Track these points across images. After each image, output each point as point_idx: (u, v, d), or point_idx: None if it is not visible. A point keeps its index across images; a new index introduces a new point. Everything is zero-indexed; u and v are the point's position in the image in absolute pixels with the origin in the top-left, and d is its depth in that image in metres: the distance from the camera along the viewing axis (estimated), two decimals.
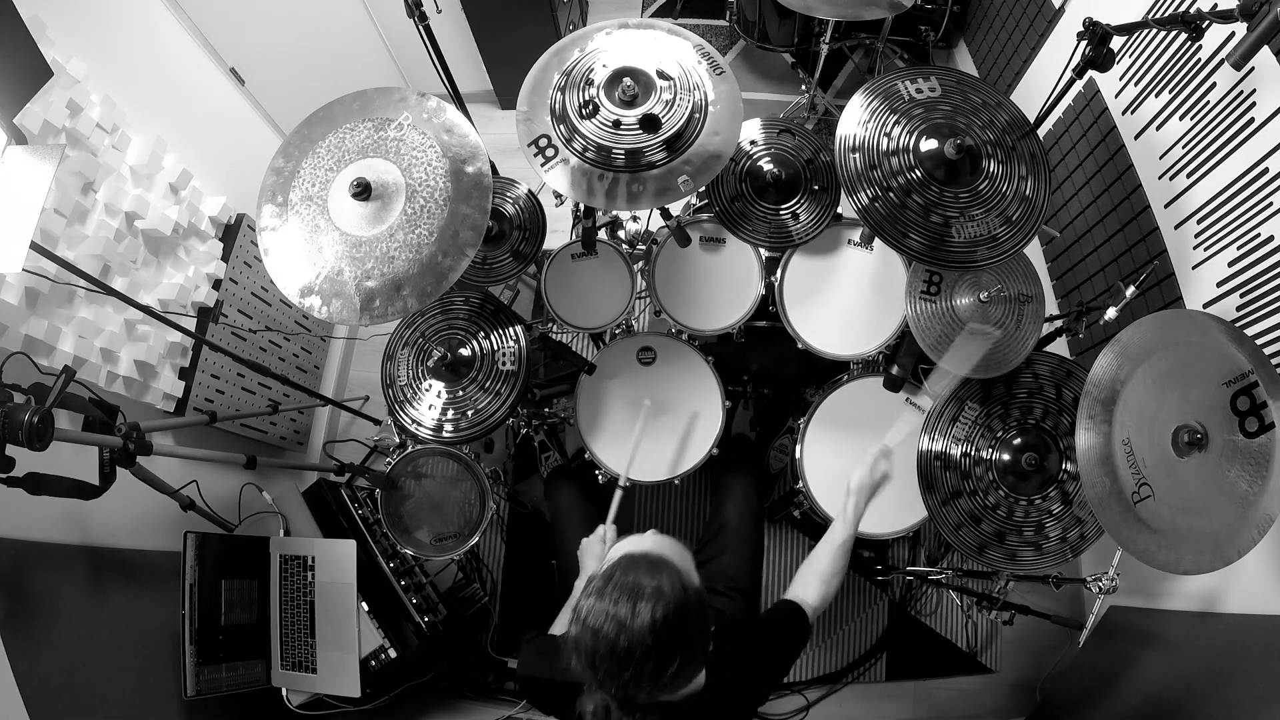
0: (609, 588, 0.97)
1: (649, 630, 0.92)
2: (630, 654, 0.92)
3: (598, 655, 0.94)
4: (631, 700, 0.97)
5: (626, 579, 0.97)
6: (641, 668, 0.93)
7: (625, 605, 0.94)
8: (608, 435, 1.84)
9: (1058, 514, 1.54)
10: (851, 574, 2.42)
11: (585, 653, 0.95)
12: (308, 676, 1.86)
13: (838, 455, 1.79)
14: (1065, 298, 2.31)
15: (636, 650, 0.92)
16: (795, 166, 1.78)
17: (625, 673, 0.93)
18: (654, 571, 0.98)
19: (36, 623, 1.46)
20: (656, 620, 0.93)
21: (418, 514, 1.85)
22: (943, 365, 1.51)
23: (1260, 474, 1.25)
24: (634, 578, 0.97)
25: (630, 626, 0.93)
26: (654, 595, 0.95)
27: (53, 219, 1.58)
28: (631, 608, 0.93)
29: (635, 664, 0.93)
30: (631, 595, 0.95)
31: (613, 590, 0.96)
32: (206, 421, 1.98)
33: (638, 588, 0.95)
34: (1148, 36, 1.85)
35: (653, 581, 0.96)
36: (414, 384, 1.75)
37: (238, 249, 2.22)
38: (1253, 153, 1.54)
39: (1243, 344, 1.31)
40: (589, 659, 0.95)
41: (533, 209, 1.94)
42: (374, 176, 1.46)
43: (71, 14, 1.70)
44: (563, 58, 1.57)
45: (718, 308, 1.84)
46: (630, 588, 0.95)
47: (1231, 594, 1.66)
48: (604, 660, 0.94)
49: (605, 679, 0.95)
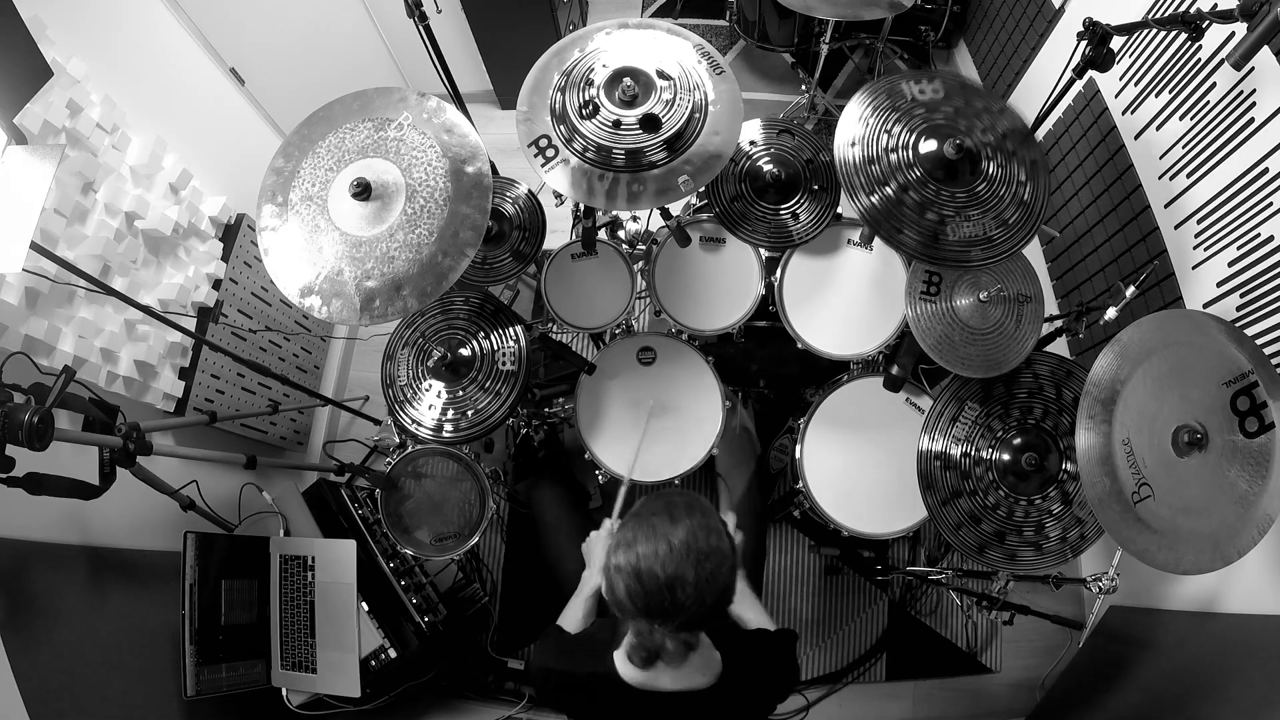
0: (640, 513, 1.01)
1: (688, 531, 0.96)
2: (671, 555, 0.94)
3: (642, 575, 0.95)
4: (676, 610, 0.96)
5: (657, 501, 1.02)
6: (683, 568, 0.94)
7: (662, 516, 0.98)
8: (608, 435, 1.84)
9: (1058, 514, 1.54)
10: (851, 574, 2.43)
11: (628, 574, 0.96)
12: (308, 676, 1.86)
13: (838, 455, 1.79)
14: (1065, 298, 2.31)
15: (677, 551, 0.94)
16: (795, 166, 1.78)
17: (670, 574, 0.94)
18: (683, 494, 1.05)
19: (36, 623, 1.46)
20: (693, 525, 0.97)
21: (418, 514, 1.84)
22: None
23: (1260, 474, 1.25)
24: (665, 499, 1.02)
25: (671, 531, 0.96)
26: (686, 504, 1.00)
27: (53, 219, 1.58)
28: (669, 514, 0.98)
29: (677, 565, 0.94)
30: (666, 507, 1.00)
31: (644, 513, 1.01)
32: (206, 421, 1.98)
33: (670, 501, 1.01)
34: (1148, 36, 1.85)
35: (683, 497, 1.03)
36: (414, 384, 1.75)
37: (238, 249, 2.22)
38: (1253, 153, 1.54)
39: (1243, 344, 1.31)
40: (634, 574, 0.95)
41: (533, 209, 1.94)
42: (374, 176, 1.46)
43: (71, 14, 1.70)
44: (563, 58, 1.57)
45: (718, 308, 1.84)
46: (664, 502, 1.01)
47: (1231, 594, 1.66)
48: (648, 567, 0.95)
49: (650, 586, 0.95)
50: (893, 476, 1.69)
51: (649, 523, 0.98)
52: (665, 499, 1.03)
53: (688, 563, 0.94)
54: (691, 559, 0.95)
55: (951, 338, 1.56)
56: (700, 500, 1.04)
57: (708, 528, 0.99)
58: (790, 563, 2.46)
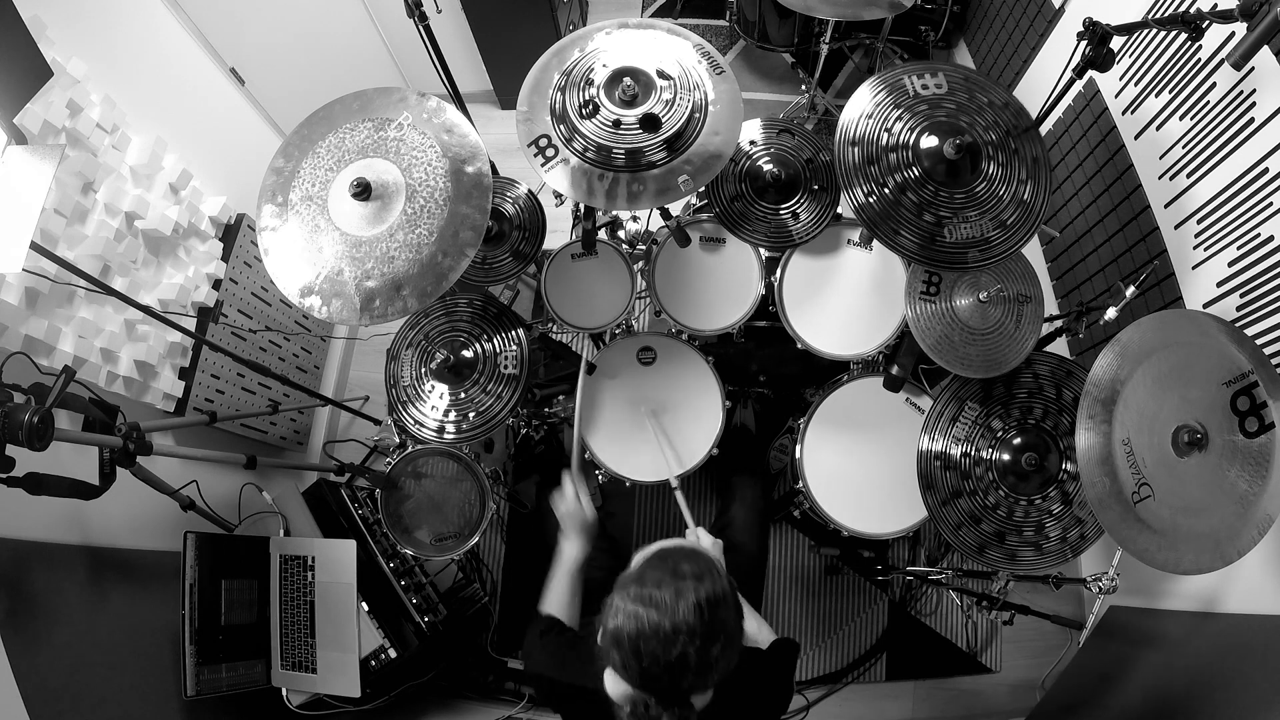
0: (647, 575, 0.96)
1: (694, 610, 0.90)
2: (676, 636, 0.90)
3: (643, 640, 0.91)
4: (673, 691, 0.94)
5: (665, 565, 0.96)
6: (687, 651, 0.90)
7: (668, 588, 0.92)
8: (608, 435, 1.84)
9: (1058, 514, 1.54)
10: (851, 574, 2.43)
11: (629, 640, 0.92)
12: (308, 676, 1.86)
13: (838, 455, 1.79)
14: (1065, 298, 2.31)
15: (682, 632, 0.90)
16: (795, 166, 1.78)
17: (671, 655, 0.90)
18: (692, 558, 0.98)
19: (36, 623, 1.46)
20: (700, 600, 0.91)
21: (418, 514, 1.84)
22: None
23: (1260, 474, 1.25)
24: (672, 564, 0.96)
25: (675, 609, 0.91)
26: (695, 576, 0.94)
27: (53, 219, 1.58)
28: (675, 589, 0.92)
29: (681, 648, 0.90)
30: (673, 577, 0.94)
31: (652, 577, 0.95)
32: (206, 421, 1.98)
33: (678, 571, 0.95)
34: (1148, 36, 1.85)
35: (693, 566, 0.96)
36: (417, 385, 1.75)
37: (238, 249, 2.22)
38: (1253, 153, 1.54)
39: (1243, 344, 1.31)
40: (632, 647, 0.91)
41: (533, 209, 1.94)
42: (374, 176, 1.46)
43: (71, 14, 1.70)
44: (563, 58, 1.57)
45: (718, 308, 1.84)
46: (671, 571, 0.95)
47: (1231, 594, 1.66)
48: (649, 646, 0.90)
49: (650, 667, 0.91)
50: (893, 476, 1.69)
51: (651, 597, 0.92)
52: (671, 563, 0.97)
53: (692, 646, 0.90)
54: (696, 642, 0.90)
55: (951, 338, 1.56)
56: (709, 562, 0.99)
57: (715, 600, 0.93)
58: (790, 563, 2.46)
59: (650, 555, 1.01)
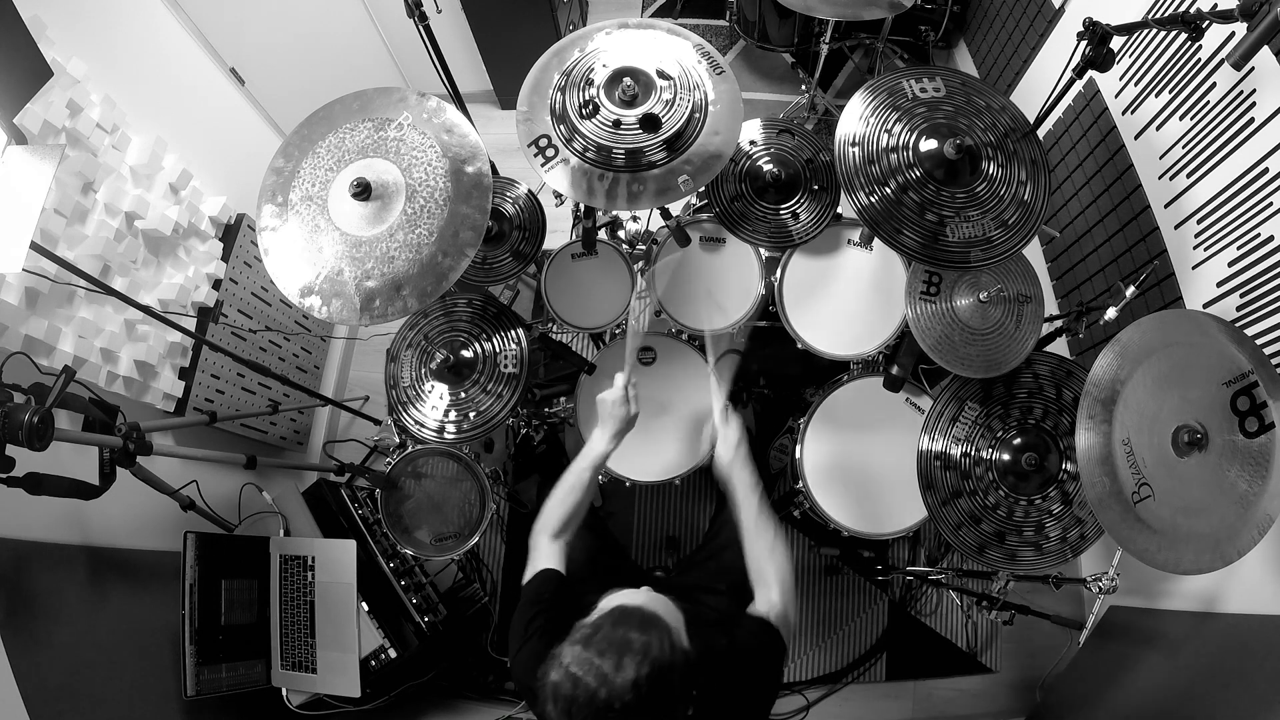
0: (597, 637, 0.94)
1: (630, 687, 0.89)
2: (608, 709, 0.89)
3: (575, 705, 0.91)
4: None
5: (615, 633, 0.94)
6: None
7: (610, 658, 0.91)
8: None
9: (1058, 514, 1.54)
10: (851, 574, 2.43)
11: (563, 700, 0.92)
12: (308, 676, 1.86)
13: (838, 455, 1.79)
14: (1065, 298, 2.31)
15: (615, 704, 0.89)
16: (795, 166, 1.78)
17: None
18: (645, 628, 0.95)
19: (36, 623, 1.46)
20: (640, 678, 0.90)
21: (418, 514, 1.85)
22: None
23: (1260, 474, 1.25)
24: (623, 632, 0.94)
25: (613, 681, 0.89)
26: (641, 651, 0.92)
27: (53, 219, 1.58)
28: (617, 661, 0.91)
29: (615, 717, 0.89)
30: (618, 649, 0.92)
31: (600, 641, 0.94)
32: (206, 421, 1.98)
33: (626, 642, 0.93)
34: (1148, 36, 1.85)
35: (642, 638, 0.94)
36: (417, 385, 1.75)
37: (238, 249, 2.22)
38: (1253, 153, 1.54)
39: (1243, 344, 1.31)
40: (565, 707, 0.91)
41: (533, 209, 1.94)
42: (374, 176, 1.46)
43: (71, 14, 1.70)
44: (563, 58, 1.57)
45: (718, 308, 1.84)
46: (619, 641, 0.93)
47: (1231, 594, 1.66)
48: (581, 712, 0.90)
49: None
50: (893, 476, 1.69)
51: (594, 666, 0.91)
52: (620, 634, 0.94)
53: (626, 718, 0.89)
54: (630, 717, 0.89)
55: (951, 338, 1.56)
56: (663, 630, 0.96)
57: (657, 673, 0.91)
58: (790, 563, 2.46)
59: (608, 612, 1.00)
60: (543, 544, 1.27)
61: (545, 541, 1.27)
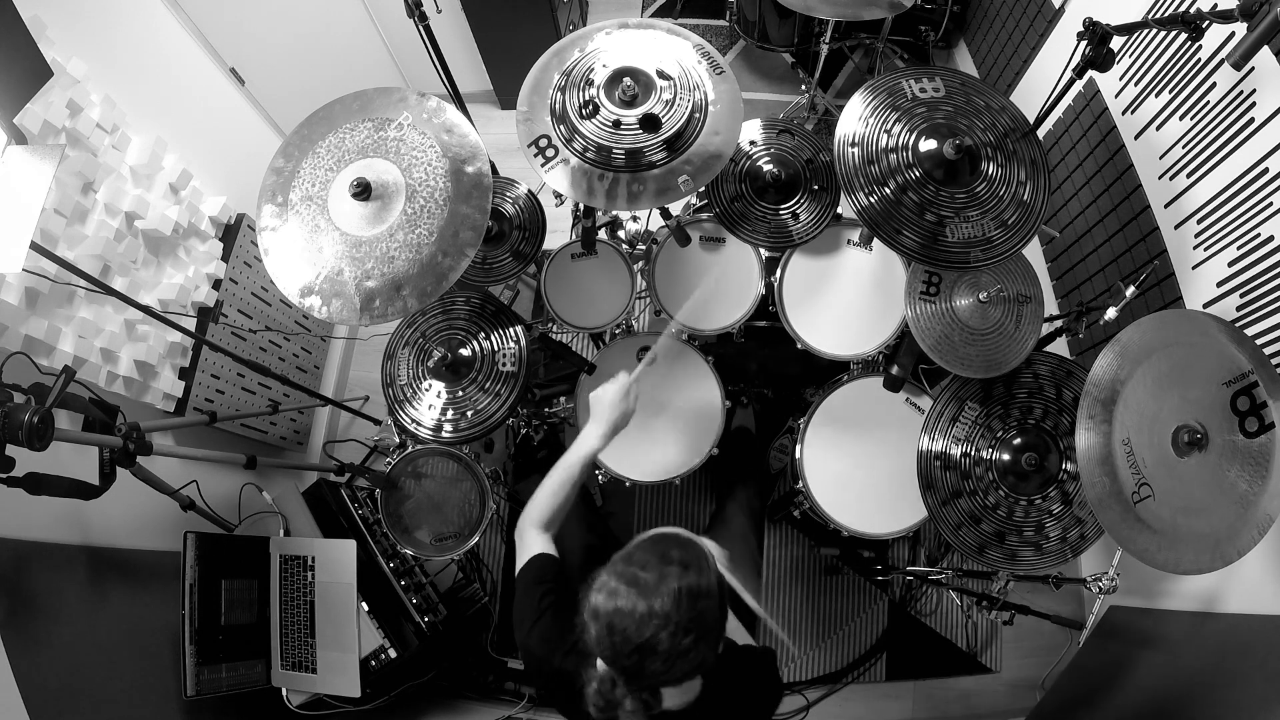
0: (636, 553, 0.96)
1: (673, 597, 0.90)
2: (650, 619, 0.89)
3: (617, 617, 0.91)
4: (639, 673, 0.93)
5: (656, 548, 0.97)
6: (658, 637, 0.89)
7: (652, 571, 0.92)
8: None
9: (1058, 514, 1.54)
10: (851, 574, 2.43)
11: (604, 615, 0.92)
12: (308, 676, 1.86)
13: (838, 455, 1.79)
14: (1065, 298, 2.31)
15: (657, 615, 0.89)
16: (795, 166, 1.78)
17: (643, 636, 0.89)
18: (684, 547, 0.98)
19: (36, 623, 1.46)
20: (681, 590, 0.91)
21: (418, 514, 1.85)
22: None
23: (1260, 474, 1.25)
24: (663, 548, 0.96)
25: (655, 591, 0.91)
26: (681, 563, 0.94)
27: (53, 219, 1.58)
28: (659, 575, 0.92)
29: (653, 632, 0.89)
30: (660, 561, 0.94)
31: (641, 555, 0.95)
32: (206, 421, 1.98)
33: (666, 556, 0.95)
34: (1148, 36, 1.85)
35: (681, 554, 0.96)
36: (414, 384, 1.75)
37: (238, 249, 2.22)
38: (1253, 153, 1.54)
39: (1243, 344, 1.31)
40: (607, 623, 0.91)
41: (533, 209, 1.94)
42: (374, 176, 1.46)
43: (71, 14, 1.70)
44: (563, 58, 1.57)
45: (718, 308, 1.84)
46: (659, 556, 0.95)
47: (1231, 594, 1.66)
48: (622, 623, 0.90)
49: (620, 645, 0.91)
50: (893, 476, 1.69)
51: (635, 577, 0.93)
52: (661, 548, 0.97)
53: (665, 631, 0.89)
54: (670, 628, 0.89)
55: (951, 338, 1.56)
56: (701, 554, 0.98)
57: (698, 592, 0.92)
58: (790, 563, 2.46)
59: (646, 538, 1.02)
60: (531, 535, 1.26)
61: (534, 533, 1.26)
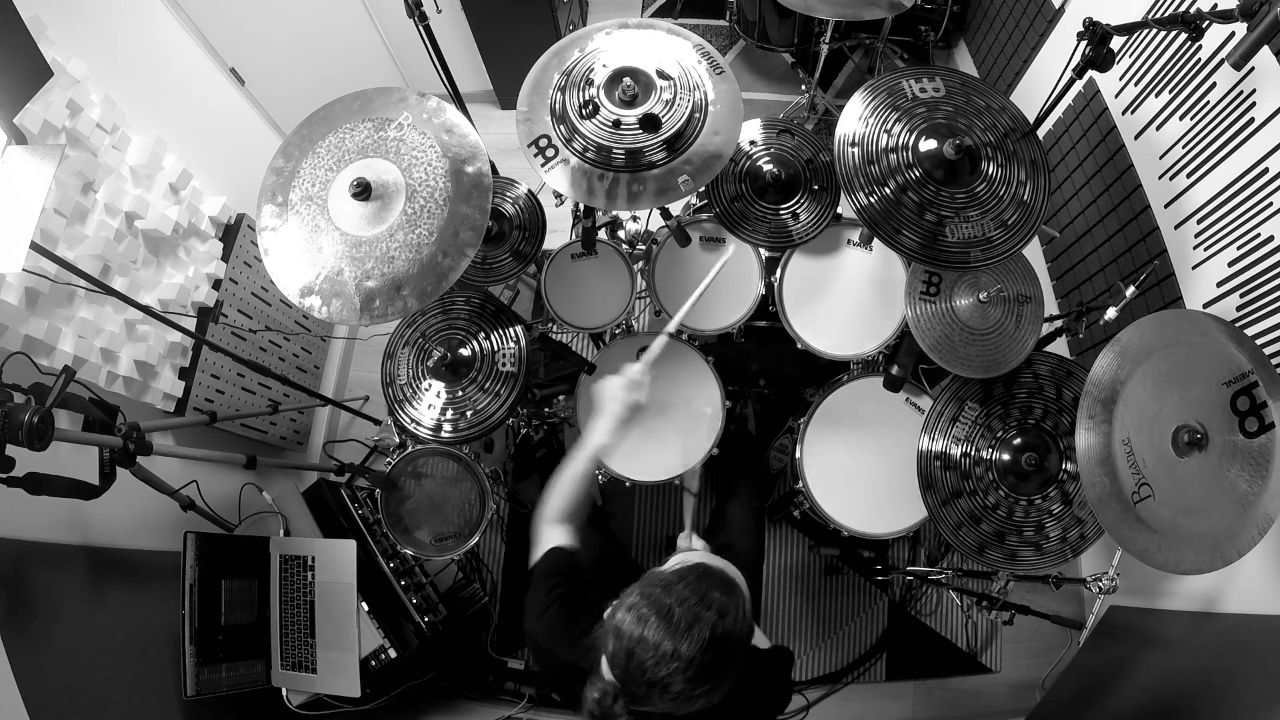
0: (679, 585, 0.94)
1: (700, 645, 0.89)
2: (672, 660, 0.89)
3: (639, 646, 0.90)
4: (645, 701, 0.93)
5: (698, 587, 0.94)
6: (673, 678, 0.89)
7: (687, 612, 0.91)
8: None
9: (1058, 514, 1.54)
10: (851, 574, 2.43)
11: (627, 639, 0.91)
12: (308, 676, 1.86)
13: (838, 455, 1.79)
14: (1065, 298, 2.31)
15: (680, 659, 0.89)
16: (795, 166, 1.78)
17: (657, 674, 0.89)
18: (726, 590, 0.96)
19: (36, 623, 1.46)
20: (712, 639, 0.90)
21: (418, 514, 1.85)
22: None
23: (1260, 474, 1.25)
24: (704, 588, 0.94)
25: (685, 634, 0.90)
26: (720, 612, 0.92)
27: (53, 219, 1.58)
28: (694, 617, 0.91)
29: (670, 673, 0.89)
30: (699, 604, 0.92)
31: (681, 591, 0.93)
32: (206, 421, 1.98)
33: (706, 599, 0.93)
34: (1148, 36, 1.85)
35: (723, 598, 0.94)
36: (414, 383, 1.75)
37: (238, 249, 2.22)
38: (1253, 153, 1.54)
39: (1243, 344, 1.31)
40: (628, 647, 0.91)
41: (533, 209, 1.94)
42: (374, 176, 1.46)
43: (71, 14, 1.70)
44: (563, 58, 1.57)
45: (718, 308, 1.84)
46: (699, 598, 0.93)
47: (1231, 594, 1.66)
48: (642, 654, 0.90)
49: (634, 672, 0.90)
50: (893, 476, 1.69)
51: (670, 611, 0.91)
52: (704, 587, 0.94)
53: (683, 675, 0.89)
54: (689, 673, 0.89)
55: (951, 338, 1.56)
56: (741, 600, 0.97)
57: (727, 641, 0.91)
58: (790, 563, 2.46)
59: (690, 567, 0.99)
60: (546, 529, 1.24)
61: (549, 527, 1.24)
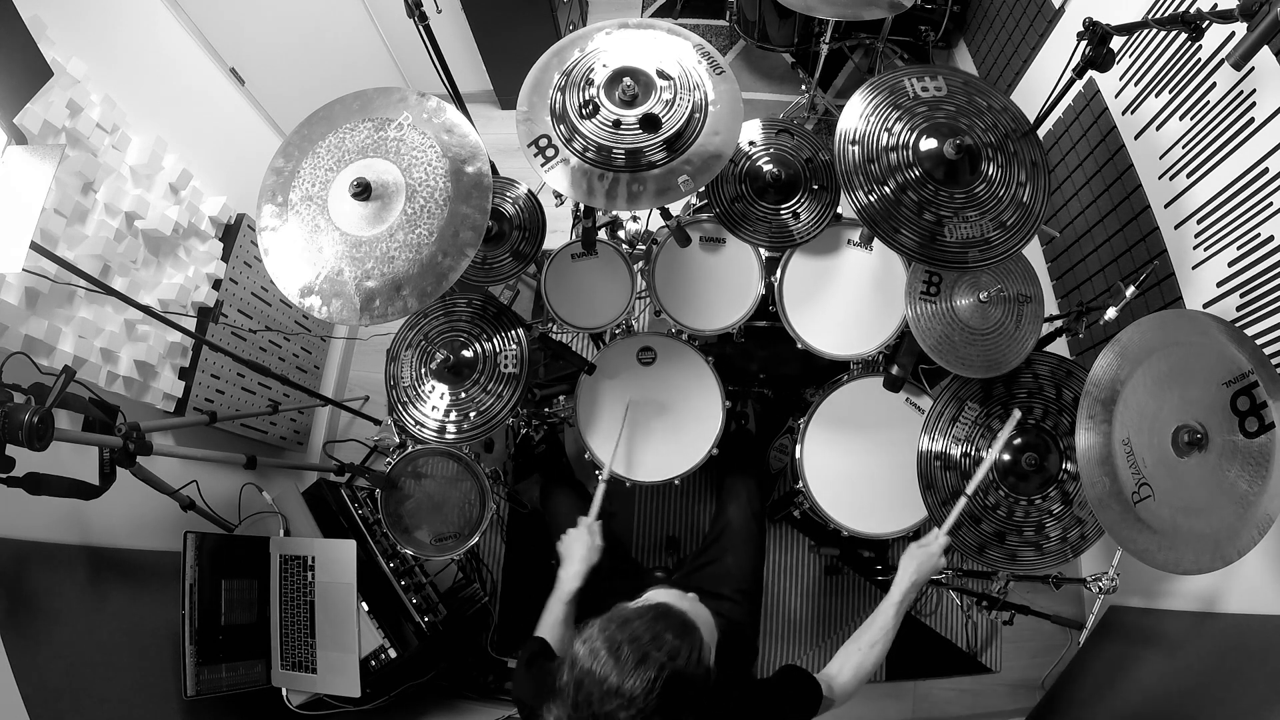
0: (634, 623, 0.95)
1: (644, 685, 0.89)
2: (615, 697, 0.89)
3: (587, 679, 0.91)
4: None
5: (653, 626, 0.95)
6: (617, 713, 0.89)
7: (636, 650, 0.91)
8: (607, 435, 1.84)
9: (1058, 514, 1.54)
10: (851, 574, 2.43)
11: (575, 673, 0.93)
12: (308, 676, 1.86)
13: (838, 455, 1.79)
14: (1065, 298, 2.31)
15: (623, 696, 0.89)
16: (795, 166, 1.78)
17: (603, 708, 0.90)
18: (680, 633, 0.95)
19: (36, 623, 1.46)
20: (657, 680, 0.90)
21: (418, 514, 1.84)
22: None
23: (1260, 474, 1.25)
24: (659, 629, 0.94)
25: (631, 672, 0.90)
26: (670, 654, 0.92)
27: (53, 219, 1.58)
28: (642, 655, 0.91)
29: (613, 709, 0.89)
30: (650, 643, 0.92)
31: (635, 628, 0.94)
32: (206, 421, 1.98)
33: (658, 639, 0.93)
34: (1148, 36, 1.85)
35: (674, 641, 0.94)
36: (417, 385, 1.75)
37: (238, 249, 2.22)
38: (1253, 153, 1.54)
39: (1243, 344, 1.31)
40: (576, 679, 0.92)
41: (533, 209, 1.94)
42: (374, 176, 1.46)
43: (71, 14, 1.70)
44: (563, 58, 1.57)
45: (718, 308, 1.84)
46: (651, 636, 0.93)
47: (1231, 594, 1.66)
48: (588, 689, 0.91)
49: (581, 705, 0.91)
50: (893, 476, 1.69)
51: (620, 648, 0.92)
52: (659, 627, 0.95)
53: (625, 712, 0.89)
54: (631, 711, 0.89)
55: (951, 338, 1.56)
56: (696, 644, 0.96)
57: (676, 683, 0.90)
58: (790, 563, 2.46)
59: (653, 605, 1.00)
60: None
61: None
